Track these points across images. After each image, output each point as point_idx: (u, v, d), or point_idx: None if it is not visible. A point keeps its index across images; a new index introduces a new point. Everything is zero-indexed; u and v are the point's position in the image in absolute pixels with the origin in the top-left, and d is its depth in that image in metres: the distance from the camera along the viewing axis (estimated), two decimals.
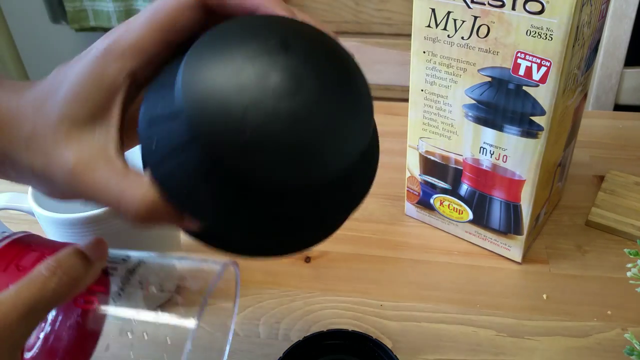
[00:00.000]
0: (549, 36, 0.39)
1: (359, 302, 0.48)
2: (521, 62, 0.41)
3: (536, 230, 0.53)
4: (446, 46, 0.45)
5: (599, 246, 0.53)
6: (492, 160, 0.47)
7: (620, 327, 0.45)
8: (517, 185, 0.47)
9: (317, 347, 0.40)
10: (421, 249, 0.54)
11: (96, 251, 0.29)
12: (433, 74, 0.47)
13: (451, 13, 0.43)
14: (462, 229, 0.54)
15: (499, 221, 0.50)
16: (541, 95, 0.42)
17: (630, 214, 0.55)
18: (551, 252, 0.52)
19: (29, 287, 0.25)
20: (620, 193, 0.58)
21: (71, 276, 0.27)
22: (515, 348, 0.44)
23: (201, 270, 0.31)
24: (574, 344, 0.44)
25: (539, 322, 0.46)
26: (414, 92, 0.49)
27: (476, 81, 0.44)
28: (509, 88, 0.43)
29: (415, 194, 0.56)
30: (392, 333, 0.45)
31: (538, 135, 0.43)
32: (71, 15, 1.66)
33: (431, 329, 0.46)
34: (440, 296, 0.48)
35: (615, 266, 0.50)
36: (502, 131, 0.45)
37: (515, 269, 0.51)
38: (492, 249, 0.53)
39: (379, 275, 0.51)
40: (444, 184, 0.52)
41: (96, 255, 0.29)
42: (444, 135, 0.49)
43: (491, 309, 0.47)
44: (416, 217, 0.57)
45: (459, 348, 0.44)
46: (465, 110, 0.47)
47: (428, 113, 0.49)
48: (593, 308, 0.47)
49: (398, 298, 0.48)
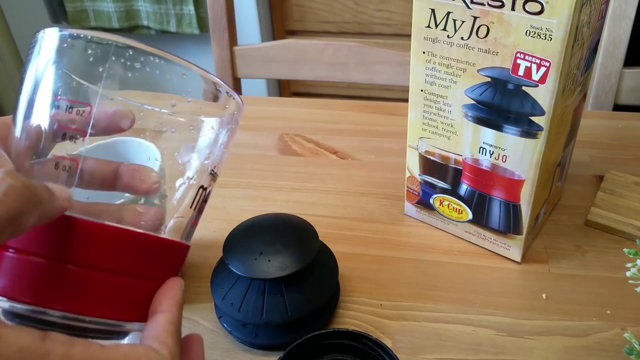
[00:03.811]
0: (549, 36, 0.39)
1: (358, 301, 0.48)
2: (520, 62, 0.41)
3: (535, 230, 0.53)
4: (446, 46, 0.45)
5: (598, 246, 0.53)
6: (491, 160, 0.47)
7: (619, 326, 0.45)
8: (517, 185, 0.47)
9: (317, 347, 0.40)
10: (421, 248, 0.54)
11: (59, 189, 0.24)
12: (433, 74, 0.47)
13: (451, 13, 0.43)
14: (462, 228, 0.54)
15: (498, 221, 0.50)
16: (540, 96, 0.42)
17: (629, 213, 0.55)
18: (551, 252, 0.52)
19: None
20: (619, 193, 0.58)
21: (29, 187, 0.22)
22: (514, 347, 0.44)
23: None
24: (573, 344, 0.44)
25: (539, 321, 0.46)
26: (414, 92, 0.49)
27: (476, 81, 0.45)
28: (508, 88, 0.43)
29: (415, 193, 0.56)
30: (391, 332, 0.45)
31: (537, 135, 0.44)
32: (72, 15, 1.67)
33: (431, 328, 0.46)
34: (440, 296, 0.49)
35: (614, 266, 0.50)
36: (501, 131, 0.45)
37: (514, 268, 0.51)
38: (491, 249, 0.53)
39: (379, 275, 0.51)
40: (443, 183, 0.52)
41: (59, 192, 0.24)
42: (444, 135, 0.49)
43: (491, 309, 0.47)
44: (416, 217, 0.57)
45: (459, 347, 0.44)
46: (464, 110, 0.47)
47: (428, 113, 0.49)
48: (592, 308, 0.47)
49: (398, 298, 0.49)
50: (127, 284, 0.26)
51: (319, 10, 1.64)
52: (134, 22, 1.67)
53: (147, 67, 0.27)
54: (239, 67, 0.95)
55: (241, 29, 1.10)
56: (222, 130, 0.30)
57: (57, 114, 0.26)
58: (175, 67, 0.27)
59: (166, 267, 0.28)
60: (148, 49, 0.27)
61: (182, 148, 0.29)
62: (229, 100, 0.30)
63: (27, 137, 0.27)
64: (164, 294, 0.27)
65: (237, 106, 0.31)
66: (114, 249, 0.26)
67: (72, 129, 0.26)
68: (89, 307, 0.25)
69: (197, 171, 0.30)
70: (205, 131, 0.30)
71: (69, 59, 0.27)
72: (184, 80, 0.28)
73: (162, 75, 0.27)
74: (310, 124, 0.75)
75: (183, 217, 0.29)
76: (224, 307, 0.44)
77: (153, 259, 0.27)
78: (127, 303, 0.26)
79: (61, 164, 0.26)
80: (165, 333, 0.25)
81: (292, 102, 0.83)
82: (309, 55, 0.90)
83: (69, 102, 0.26)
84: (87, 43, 0.26)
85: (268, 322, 0.42)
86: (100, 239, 0.25)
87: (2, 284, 0.24)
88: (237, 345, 0.45)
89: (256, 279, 0.42)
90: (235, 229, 0.46)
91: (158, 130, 0.28)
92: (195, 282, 0.50)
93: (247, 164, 0.67)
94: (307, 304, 0.43)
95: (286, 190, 0.63)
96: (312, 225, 0.47)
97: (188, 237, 0.30)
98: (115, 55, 0.26)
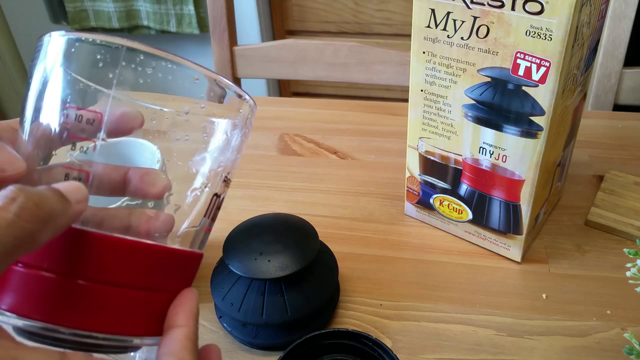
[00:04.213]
0: (549, 36, 0.39)
1: (358, 301, 0.48)
2: (521, 62, 0.41)
3: (535, 230, 0.53)
4: (446, 46, 0.45)
5: (598, 246, 0.53)
6: (491, 160, 0.47)
7: (619, 326, 0.45)
8: (517, 185, 0.47)
9: (317, 347, 0.40)
10: (421, 248, 0.54)
11: (74, 192, 0.23)
12: (433, 74, 0.47)
13: (451, 13, 0.43)
14: (462, 228, 0.54)
15: (498, 221, 0.50)
16: (540, 96, 0.42)
17: (629, 213, 0.55)
18: (551, 252, 0.52)
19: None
20: (619, 193, 0.58)
21: (40, 206, 0.21)
22: (514, 347, 0.44)
23: None
24: (573, 344, 0.44)
25: (539, 321, 0.46)
26: (414, 93, 0.49)
27: (476, 81, 0.45)
28: (508, 88, 0.43)
29: (415, 193, 0.56)
30: (391, 332, 0.45)
31: (537, 135, 0.44)
32: (72, 15, 1.67)
33: (431, 328, 0.46)
34: (439, 296, 0.49)
35: (614, 266, 0.50)
36: (501, 131, 0.45)
37: (514, 268, 0.51)
38: (491, 249, 0.53)
39: (379, 275, 0.51)
40: (443, 183, 0.52)
41: (74, 196, 0.23)
42: (444, 136, 0.49)
43: (491, 309, 0.47)
44: (416, 217, 0.57)
45: (459, 347, 0.44)
46: (464, 110, 0.47)
47: (428, 113, 0.49)
48: (592, 308, 0.47)
49: (398, 297, 0.49)
50: (140, 297, 0.25)
51: (319, 10, 1.64)
52: (134, 22, 1.67)
53: (158, 72, 0.26)
54: (239, 67, 0.95)
55: (241, 29, 1.10)
56: (235, 134, 0.30)
57: (67, 122, 0.25)
58: (187, 71, 0.27)
59: (180, 278, 0.27)
60: (159, 53, 0.26)
61: (196, 155, 0.29)
62: (242, 103, 0.30)
63: (35, 144, 0.26)
64: (179, 307, 0.26)
65: (251, 109, 0.30)
66: (127, 263, 0.25)
67: (81, 138, 0.26)
68: (101, 323, 0.24)
69: (211, 178, 0.29)
70: (219, 137, 0.29)
71: (77, 64, 0.26)
72: (196, 84, 0.27)
73: (175, 79, 0.26)
74: (310, 124, 0.75)
75: (197, 226, 0.29)
76: (224, 307, 0.44)
77: (167, 270, 0.26)
78: (140, 318, 0.26)
79: (71, 175, 0.25)
80: (183, 349, 0.25)
81: (292, 102, 0.83)
82: (309, 55, 0.90)
83: (77, 110, 0.26)
84: (96, 47, 0.25)
85: (268, 322, 0.42)
86: (112, 252, 0.24)
87: (13, 300, 0.24)
88: (237, 345, 0.45)
89: (256, 279, 0.42)
90: (235, 229, 0.46)
91: (170, 139, 0.28)
92: (195, 282, 0.50)
93: (247, 164, 0.67)
94: (307, 304, 0.43)
95: (286, 190, 0.63)
96: (312, 225, 0.47)
97: (202, 245, 0.30)
98: (125, 60, 0.25)
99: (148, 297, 0.26)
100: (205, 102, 0.28)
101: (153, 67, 0.26)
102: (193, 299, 0.27)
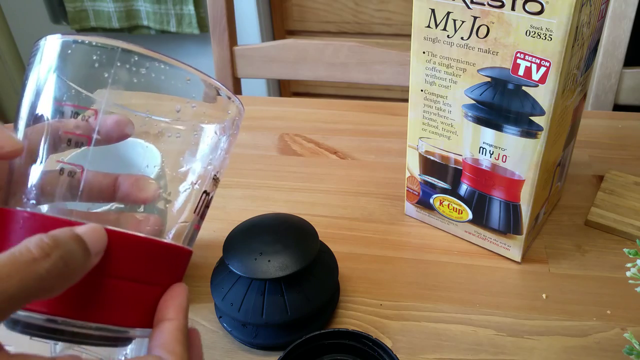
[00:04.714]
0: (549, 36, 0.39)
1: (358, 301, 0.48)
2: (521, 62, 0.41)
3: (535, 230, 0.53)
4: (446, 46, 0.45)
5: (598, 246, 0.53)
6: (491, 160, 0.47)
7: (619, 326, 0.45)
8: (517, 185, 0.47)
9: (317, 347, 0.40)
10: (421, 248, 0.54)
11: (96, 243, 0.24)
12: (433, 74, 0.47)
13: (451, 13, 0.43)
14: (462, 228, 0.54)
15: (498, 221, 0.50)
16: (540, 95, 0.42)
17: (629, 213, 0.55)
18: (550, 252, 0.52)
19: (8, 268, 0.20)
20: (619, 193, 0.58)
21: (68, 265, 0.22)
22: (514, 347, 0.44)
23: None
24: (573, 344, 0.44)
25: (538, 321, 0.46)
26: (414, 93, 0.49)
27: (476, 81, 0.45)
28: (508, 88, 0.43)
29: (415, 193, 0.56)
30: (391, 332, 0.45)
31: (537, 135, 0.44)
32: (72, 15, 1.67)
33: (431, 328, 0.46)
34: (439, 296, 0.49)
35: (614, 266, 0.50)
36: (501, 131, 0.45)
37: (514, 268, 0.51)
38: (491, 249, 0.53)
39: (379, 275, 0.51)
40: (443, 183, 0.52)
41: (95, 249, 0.24)
42: (444, 136, 0.49)
43: (491, 309, 0.47)
44: (416, 217, 0.57)
45: (459, 347, 0.44)
46: (464, 110, 0.47)
47: (428, 113, 0.49)
48: (592, 308, 0.47)
49: (398, 298, 0.49)
50: (132, 289, 0.26)
51: (319, 10, 1.64)
52: (134, 22, 1.67)
53: (152, 73, 0.27)
54: (239, 67, 0.95)
55: (241, 29, 1.10)
56: (223, 135, 0.31)
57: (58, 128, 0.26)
58: (180, 72, 0.28)
59: (170, 272, 0.28)
60: (152, 54, 0.27)
61: (185, 154, 0.29)
62: (230, 105, 0.31)
63: (27, 150, 0.27)
64: (169, 301, 0.27)
65: (239, 111, 0.31)
66: (119, 254, 0.25)
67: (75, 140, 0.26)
68: (94, 313, 0.25)
69: (201, 176, 0.30)
70: (208, 137, 0.30)
71: (72, 66, 0.27)
72: (187, 85, 0.28)
73: (167, 80, 0.27)
74: (310, 124, 0.75)
75: (186, 222, 0.30)
76: (224, 307, 0.44)
77: (157, 264, 0.27)
78: (132, 309, 0.26)
79: (66, 170, 0.26)
80: (174, 341, 0.25)
81: (292, 102, 0.83)
82: (309, 55, 0.90)
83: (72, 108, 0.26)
84: (92, 48, 0.26)
85: (268, 322, 0.42)
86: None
87: None
88: (237, 345, 0.45)
89: (256, 279, 0.42)
90: (235, 229, 0.46)
91: (162, 137, 0.29)
92: (195, 282, 0.50)
93: (247, 164, 0.67)
94: (307, 304, 0.43)
95: (286, 190, 0.63)
96: (312, 225, 0.47)
97: (191, 242, 0.30)
98: (120, 61, 0.26)
99: (139, 290, 0.26)
100: (196, 102, 0.29)
101: (147, 68, 0.27)
102: (183, 293, 0.28)
